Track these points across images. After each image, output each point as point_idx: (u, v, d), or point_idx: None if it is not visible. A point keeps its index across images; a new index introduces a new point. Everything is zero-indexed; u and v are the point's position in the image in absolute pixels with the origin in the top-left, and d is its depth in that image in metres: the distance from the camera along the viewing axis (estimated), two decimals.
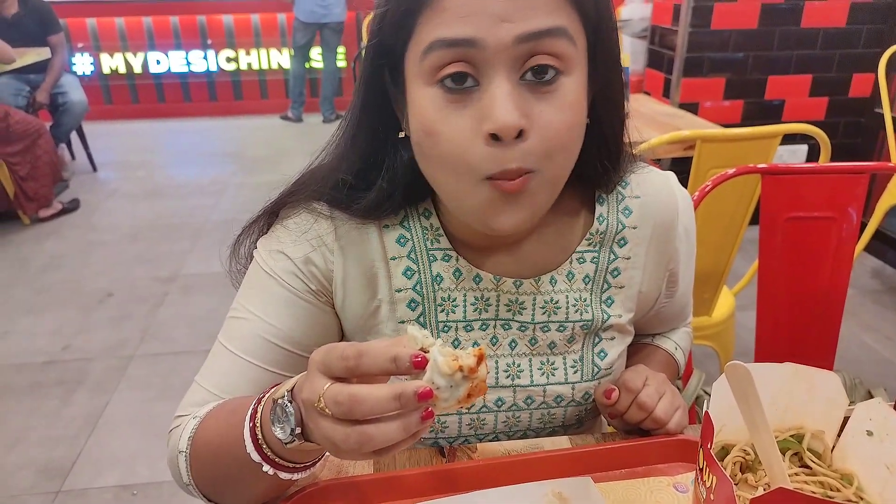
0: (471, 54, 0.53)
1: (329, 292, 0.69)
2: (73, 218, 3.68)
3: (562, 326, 0.73)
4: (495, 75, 0.54)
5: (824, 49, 3.05)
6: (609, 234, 0.72)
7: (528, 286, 0.70)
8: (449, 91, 0.55)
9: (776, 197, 1.13)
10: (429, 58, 0.54)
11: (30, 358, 2.38)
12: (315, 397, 0.45)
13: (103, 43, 5.61)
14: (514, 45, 0.53)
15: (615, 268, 0.73)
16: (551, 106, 0.55)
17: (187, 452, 0.62)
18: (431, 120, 0.56)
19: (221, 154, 4.94)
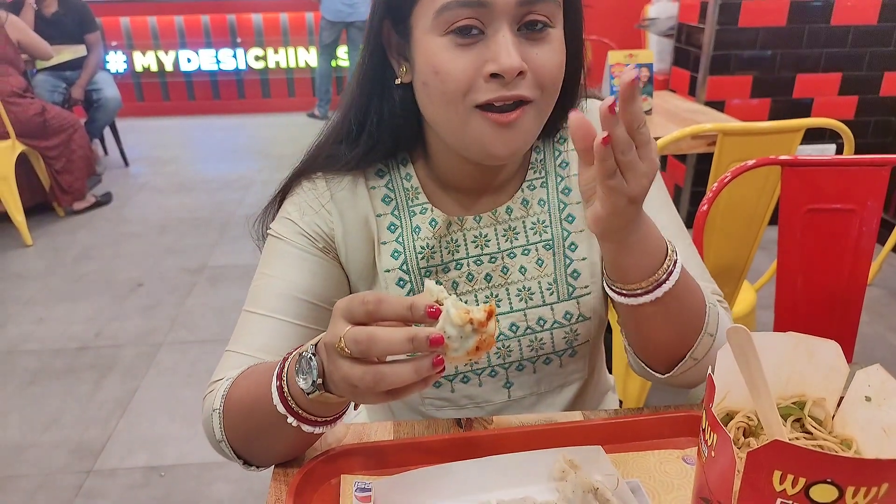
0: (480, 12, 0.62)
1: (333, 248, 0.77)
2: (105, 211, 3.78)
3: (525, 250, 0.79)
4: (499, 27, 0.63)
5: (854, 47, 3.01)
6: (549, 161, 0.80)
7: (486, 219, 0.78)
8: (458, 38, 0.64)
9: (796, 189, 1.14)
10: (443, 15, 0.63)
11: (65, 343, 2.46)
12: (336, 339, 0.50)
13: (136, 41, 5.74)
14: (516, 6, 0.63)
15: (565, 187, 0.80)
16: (543, 50, 0.65)
17: (220, 410, 0.66)
18: (441, 60, 0.64)
19: (248, 151, 5.02)
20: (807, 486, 0.39)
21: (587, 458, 0.61)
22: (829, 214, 1.13)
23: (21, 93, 3.36)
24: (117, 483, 1.80)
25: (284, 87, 6.05)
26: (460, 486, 0.60)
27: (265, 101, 6.07)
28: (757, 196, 1.42)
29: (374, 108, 0.72)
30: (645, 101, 2.24)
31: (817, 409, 0.51)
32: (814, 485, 0.39)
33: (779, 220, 1.15)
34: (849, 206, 1.12)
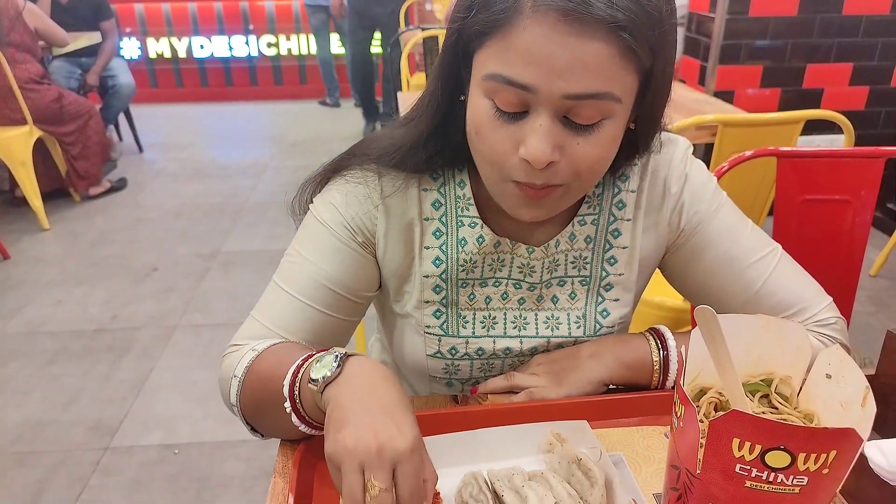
0: (523, 94, 0.60)
1: (372, 244, 0.78)
2: (120, 196, 3.84)
3: (561, 281, 0.80)
4: (541, 113, 0.60)
5: (866, 37, 3.00)
6: (606, 198, 0.79)
7: (538, 253, 0.78)
8: (500, 116, 0.62)
9: (792, 180, 1.17)
10: (489, 83, 0.61)
11: (83, 325, 2.53)
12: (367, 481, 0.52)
13: (150, 28, 5.79)
14: (562, 99, 0.59)
15: (615, 229, 0.80)
16: (587, 142, 0.62)
17: (241, 379, 0.70)
18: (480, 125, 0.64)
19: (261, 137, 5.07)
20: (762, 452, 0.43)
21: (573, 431, 0.65)
22: (824, 205, 1.15)
23: (38, 79, 3.42)
24: (133, 460, 1.87)
25: (296, 74, 6.09)
26: (454, 455, 0.64)
27: (277, 87, 6.11)
28: (756, 187, 1.45)
29: (440, 119, 0.71)
30: None
31: (784, 386, 0.54)
32: (769, 451, 0.43)
33: (774, 211, 1.18)
34: (843, 196, 1.15)
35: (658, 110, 0.69)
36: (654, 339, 0.78)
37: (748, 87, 3.07)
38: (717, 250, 0.79)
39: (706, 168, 0.82)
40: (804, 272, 0.81)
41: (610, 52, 0.57)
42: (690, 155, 0.81)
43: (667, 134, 0.80)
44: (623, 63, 0.58)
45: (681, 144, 0.81)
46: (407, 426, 0.54)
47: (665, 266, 0.85)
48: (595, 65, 0.57)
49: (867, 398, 0.46)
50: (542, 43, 0.57)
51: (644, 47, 0.58)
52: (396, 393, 0.57)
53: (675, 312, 1.45)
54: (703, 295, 0.81)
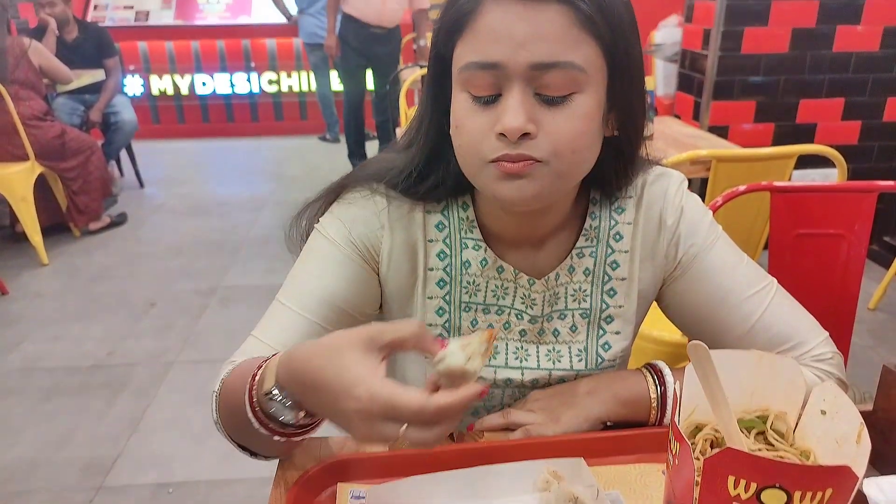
0: (495, 73, 0.63)
1: (376, 262, 0.78)
2: (120, 231, 3.86)
3: (562, 314, 0.80)
4: (512, 88, 0.63)
5: (857, 73, 3.05)
6: (603, 230, 0.80)
7: (539, 286, 0.79)
8: (476, 99, 0.66)
9: (785, 214, 1.18)
10: (463, 74, 0.65)
11: (79, 362, 2.52)
12: (394, 431, 0.51)
13: (153, 65, 5.88)
14: (529, 69, 0.62)
15: (614, 261, 0.80)
16: (561, 115, 0.64)
17: (217, 393, 0.69)
18: (460, 117, 0.67)
19: (261, 173, 5.11)
20: (758, 490, 0.43)
21: (570, 469, 0.64)
22: (818, 239, 1.16)
23: (42, 116, 3.46)
24: (126, 500, 1.84)
25: (297, 110, 6.16)
26: (450, 494, 0.64)
27: (278, 123, 6.18)
28: (751, 221, 1.46)
29: (434, 142, 0.74)
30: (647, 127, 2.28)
31: (780, 422, 0.54)
32: (764, 489, 0.43)
33: (769, 245, 1.19)
34: (837, 230, 1.16)
35: (634, 102, 0.70)
36: (651, 375, 0.78)
37: (742, 123, 3.11)
38: (712, 283, 0.79)
39: (701, 202, 0.83)
40: (800, 306, 0.82)
41: (565, 20, 0.62)
42: (685, 188, 0.82)
43: (661, 168, 0.82)
44: (581, 32, 0.63)
45: (675, 178, 0.82)
46: (349, 391, 0.51)
47: (661, 298, 0.85)
48: (553, 33, 0.62)
49: (862, 435, 0.46)
50: (502, 20, 0.62)
51: (598, 17, 0.63)
52: (321, 367, 0.54)
53: (673, 347, 1.45)
54: (699, 328, 0.81)
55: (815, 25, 2.95)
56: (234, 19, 5.94)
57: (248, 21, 5.92)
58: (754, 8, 2.92)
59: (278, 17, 5.71)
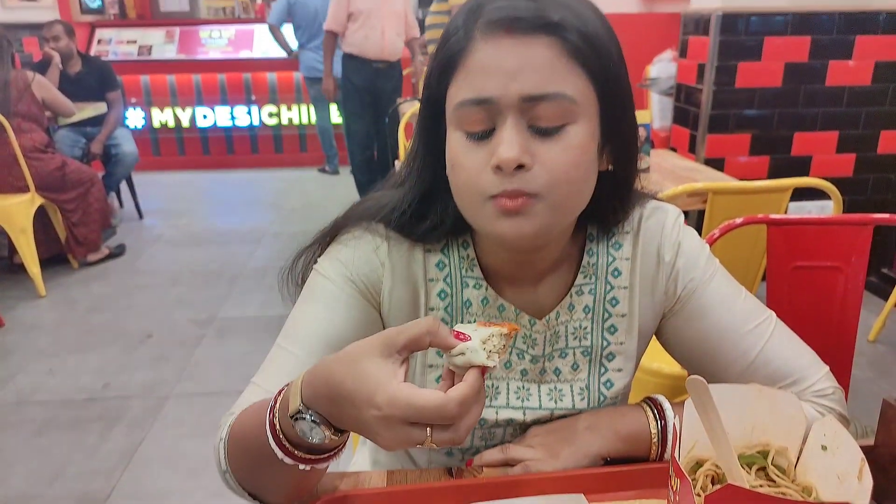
0: (488, 108, 0.65)
1: (377, 301, 0.77)
2: (118, 262, 3.85)
3: (563, 353, 0.80)
4: (505, 122, 0.64)
5: (850, 106, 3.09)
6: (601, 266, 0.80)
7: (540, 325, 0.79)
8: (470, 136, 0.67)
9: (782, 247, 1.18)
10: (457, 112, 0.66)
11: (73, 395, 2.49)
12: (421, 436, 0.52)
13: (155, 98, 5.95)
14: (520, 101, 0.64)
15: (613, 297, 0.80)
16: (556, 147, 0.65)
17: (225, 440, 0.67)
18: (456, 154, 0.68)
19: (260, 204, 5.13)
20: None
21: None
22: (815, 272, 1.16)
23: (43, 148, 3.49)
24: None
25: (296, 142, 6.22)
26: None
27: (278, 156, 6.22)
28: (749, 254, 1.46)
29: (429, 181, 0.74)
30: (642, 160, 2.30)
31: (781, 458, 0.54)
32: None
33: (766, 278, 1.19)
34: (834, 263, 1.16)
35: (626, 133, 0.71)
36: (651, 409, 0.77)
37: (738, 155, 3.14)
38: (711, 319, 0.79)
39: (698, 235, 0.83)
40: (799, 340, 0.81)
41: (554, 52, 0.64)
42: (682, 223, 0.82)
43: (656, 202, 0.82)
44: (570, 63, 0.64)
45: (671, 212, 0.82)
46: (370, 399, 0.52)
47: (661, 333, 0.85)
48: (542, 65, 0.63)
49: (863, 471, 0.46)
50: (493, 55, 0.64)
51: (586, 48, 0.64)
52: (341, 380, 0.55)
53: (673, 380, 1.44)
54: (699, 363, 0.81)
55: (808, 60, 3.00)
56: (236, 54, 6.03)
57: (249, 55, 6.01)
58: (747, 43, 2.97)
59: (279, 52, 5.80)
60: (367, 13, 4.08)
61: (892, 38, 2.98)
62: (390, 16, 4.16)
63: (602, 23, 0.68)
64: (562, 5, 0.65)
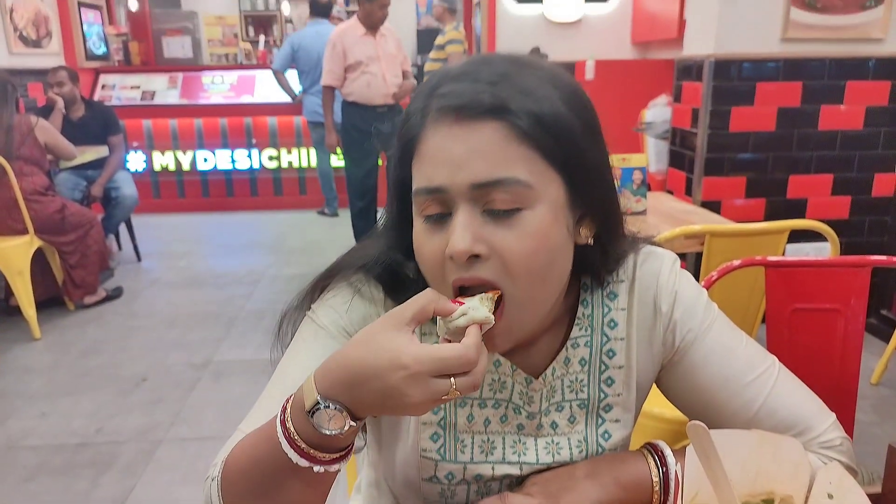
0: (441, 196, 0.64)
1: None
2: (115, 305, 3.84)
3: (559, 406, 0.78)
4: (459, 209, 0.64)
5: (844, 150, 3.13)
6: (597, 318, 0.78)
7: (537, 384, 0.77)
8: (428, 222, 0.66)
9: (781, 289, 1.18)
10: (416, 199, 0.67)
11: (66, 439, 2.45)
12: (446, 386, 0.55)
13: (156, 142, 6.02)
14: (470, 189, 0.63)
15: (610, 349, 0.78)
16: (511, 234, 0.63)
17: (219, 477, 0.65)
18: (419, 242, 0.68)
19: (259, 246, 5.14)
20: None
21: None
22: (815, 314, 1.16)
23: (43, 191, 3.51)
24: None
25: (296, 185, 6.26)
26: None
27: (277, 198, 6.26)
28: (747, 296, 1.46)
29: (403, 268, 0.74)
30: (639, 203, 2.32)
31: None
32: None
33: (766, 320, 1.19)
34: (833, 305, 1.16)
35: (604, 203, 0.70)
36: (652, 456, 0.75)
37: (734, 198, 3.16)
38: (712, 368, 0.77)
39: (695, 281, 0.82)
40: (804, 388, 0.79)
41: (501, 135, 0.63)
42: (678, 269, 0.81)
43: (651, 248, 0.81)
44: (520, 148, 0.63)
45: (666, 259, 0.81)
46: (395, 362, 0.54)
47: (660, 383, 0.83)
48: (490, 150, 0.62)
49: None
50: (442, 144, 0.64)
51: (537, 130, 0.63)
52: (360, 357, 0.56)
53: (674, 424, 1.42)
54: (701, 414, 0.79)
55: (800, 105, 3.05)
56: (238, 98, 6.12)
57: (250, 100, 6.10)
58: (740, 89, 3.03)
59: (280, 97, 5.90)
60: (367, 61, 4.15)
61: (881, 83, 3.04)
62: (388, 60, 4.22)
63: (566, 97, 0.66)
64: (514, 87, 0.64)
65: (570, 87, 0.68)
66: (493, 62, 0.67)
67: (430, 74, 0.70)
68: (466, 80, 0.65)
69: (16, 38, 4.76)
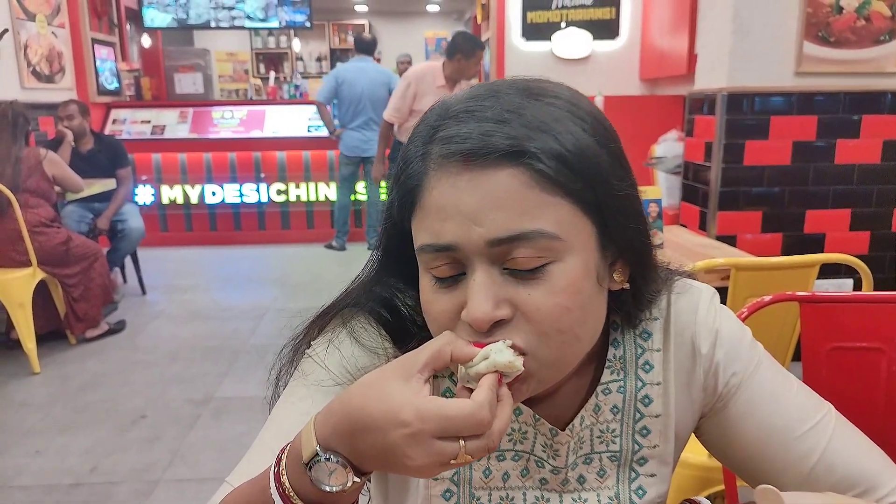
0: (453, 255, 0.56)
1: None
2: (117, 339, 3.77)
3: (588, 458, 0.69)
4: (476, 269, 0.55)
5: (861, 184, 3.07)
6: (629, 360, 0.69)
7: (563, 436, 0.68)
8: (439, 280, 0.58)
9: (817, 326, 1.10)
10: (421, 256, 0.58)
11: (59, 478, 2.36)
12: (454, 450, 0.47)
13: (165, 175, 6.02)
14: (488, 247, 0.54)
15: (646, 395, 0.69)
16: (539, 291, 0.54)
17: None
18: (426, 300, 0.59)
19: (265, 280, 5.09)
20: None
21: None
22: (855, 353, 1.08)
23: (48, 223, 3.48)
24: None
25: (304, 219, 6.24)
26: None
27: (285, 232, 6.23)
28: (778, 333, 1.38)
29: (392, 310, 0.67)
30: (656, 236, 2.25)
31: None
32: None
33: (802, 360, 1.11)
34: (874, 344, 1.08)
35: (636, 242, 0.61)
36: None
37: (749, 233, 3.09)
38: (759, 418, 0.68)
39: (737, 319, 0.73)
40: (865, 439, 0.70)
41: (520, 182, 0.54)
42: (717, 304, 0.72)
43: (686, 281, 0.72)
44: (544, 195, 0.54)
45: (704, 294, 0.71)
46: (396, 418, 0.47)
47: (701, 433, 0.74)
48: (508, 200, 0.53)
49: None
50: (450, 194, 0.55)
51: (564, 173, 0.54)
52: (363, 405, 0.49)
53: (702, 471, 1.32)
54: (747, 468, 0.70)
55: (816, 139, 3.00)
56: (247, 133, 6.14)
57: (260, 135, 6.12)
58: (754, 123, 2.98)
59: (287, 132, 5.92)
60: None
61: None
62: None
63: (589, 127, 0.57)
64: (528, 123, 0.55)
65: (592, 114, 0.59)
66: (500, 94, 0.57)
67: (427, 111, 0.61)
68: (471, 120, 0.56)
69: (29, 74, 4.80)
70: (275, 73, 9.40)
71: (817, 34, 2.92)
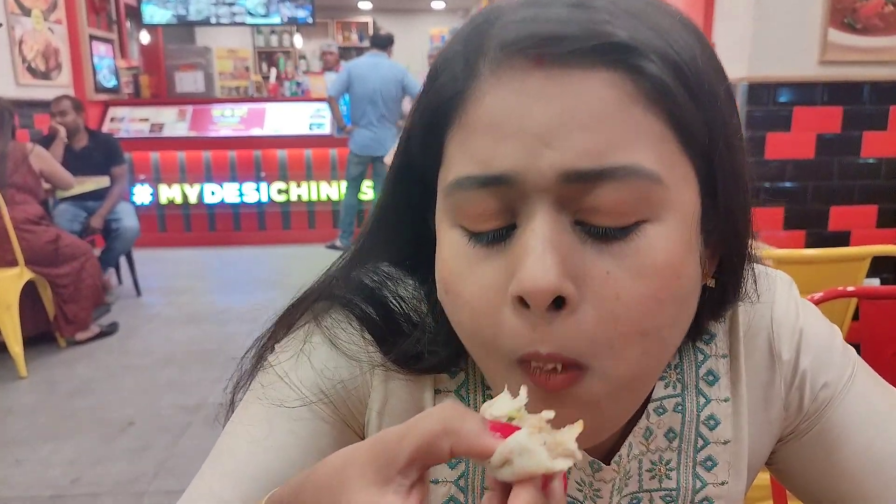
0: (504, 192, 0.38)
1: (361, 424, 0.52)
2: (109, 342, 3.63)
3: (636, 499, 0.53)
4: (534, 216, 0.38)
5: (889, 179, 2.91)
6: (688, 370, 0.53)
7: (608, 472, 0.51)
8: (475, 237, 0.40)
9: (879, 326, 0.95)
10: (453, 196, 0.41)
11: (39, 491, 2.22)
12: None
13: (164, 175, 5.90)
14: (559, 181, 0.37)
15: (711, 415, 0.53)
16: (623, 267, 0.37)
17: None
18: (451, 273, 0.41)
19: (264, 281, 4.95)
20: None
21: None
22: None
23: (36, 220, 3.35)
24: None
25: (305, 219, 6.10)
26: None
27: (285, 232, 6.10)
28: None
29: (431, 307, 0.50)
30: None
31: None
32: None
33: None
34: None
35: (740, 223, 0.44)
36: None
37: (771, 230, 2.94)
38: (857, 444, 0.52)
39: (820, 313, 0.57)
40: None
41: (622, 93, 0.36)
42: (797, 296, 0.56)
43: (758, 267, 0.53)
44: (647, 115, 0.37)
45: (780, 283, 0.55)
46: None
47: (775, 461, 0.57)
48: (599, 117, 0.36)
49: None
50: (513, 105, 0.37)
51: (677, 86, 0.37)
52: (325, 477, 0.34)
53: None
54: None
55: (841, 131, 2.85)
56: (247, 131, 6.01)
57: (260, 133, 5.99)
58: (776, 114, 2.83)
59: (289, 129, 5.78)
60: None
61: None
62: None
63: (703, 48, 0.41)
64: (632, 14, 0.38)
65: (704, 38, 0.42)
66: None
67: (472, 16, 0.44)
68: (556, 4, 0.38)
69: (24, 70, 4.69)
70: (276, 70, 9.27)
71: (843, 20, 2.76)
